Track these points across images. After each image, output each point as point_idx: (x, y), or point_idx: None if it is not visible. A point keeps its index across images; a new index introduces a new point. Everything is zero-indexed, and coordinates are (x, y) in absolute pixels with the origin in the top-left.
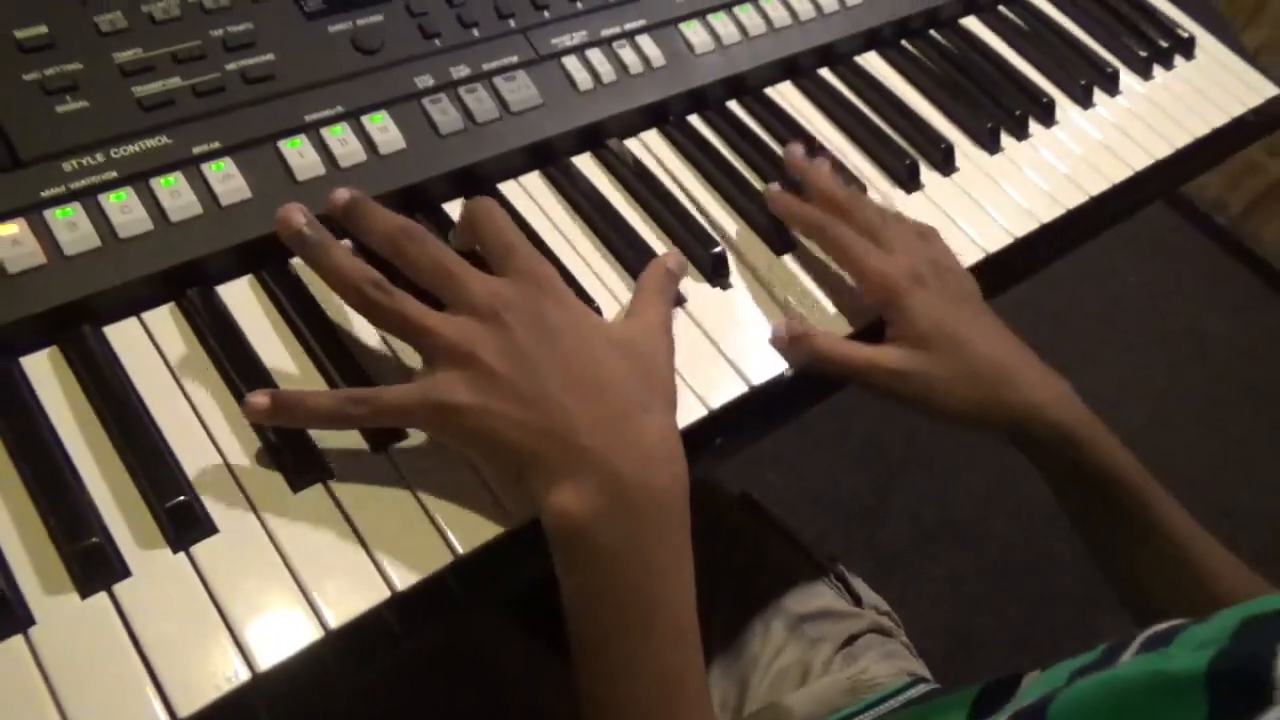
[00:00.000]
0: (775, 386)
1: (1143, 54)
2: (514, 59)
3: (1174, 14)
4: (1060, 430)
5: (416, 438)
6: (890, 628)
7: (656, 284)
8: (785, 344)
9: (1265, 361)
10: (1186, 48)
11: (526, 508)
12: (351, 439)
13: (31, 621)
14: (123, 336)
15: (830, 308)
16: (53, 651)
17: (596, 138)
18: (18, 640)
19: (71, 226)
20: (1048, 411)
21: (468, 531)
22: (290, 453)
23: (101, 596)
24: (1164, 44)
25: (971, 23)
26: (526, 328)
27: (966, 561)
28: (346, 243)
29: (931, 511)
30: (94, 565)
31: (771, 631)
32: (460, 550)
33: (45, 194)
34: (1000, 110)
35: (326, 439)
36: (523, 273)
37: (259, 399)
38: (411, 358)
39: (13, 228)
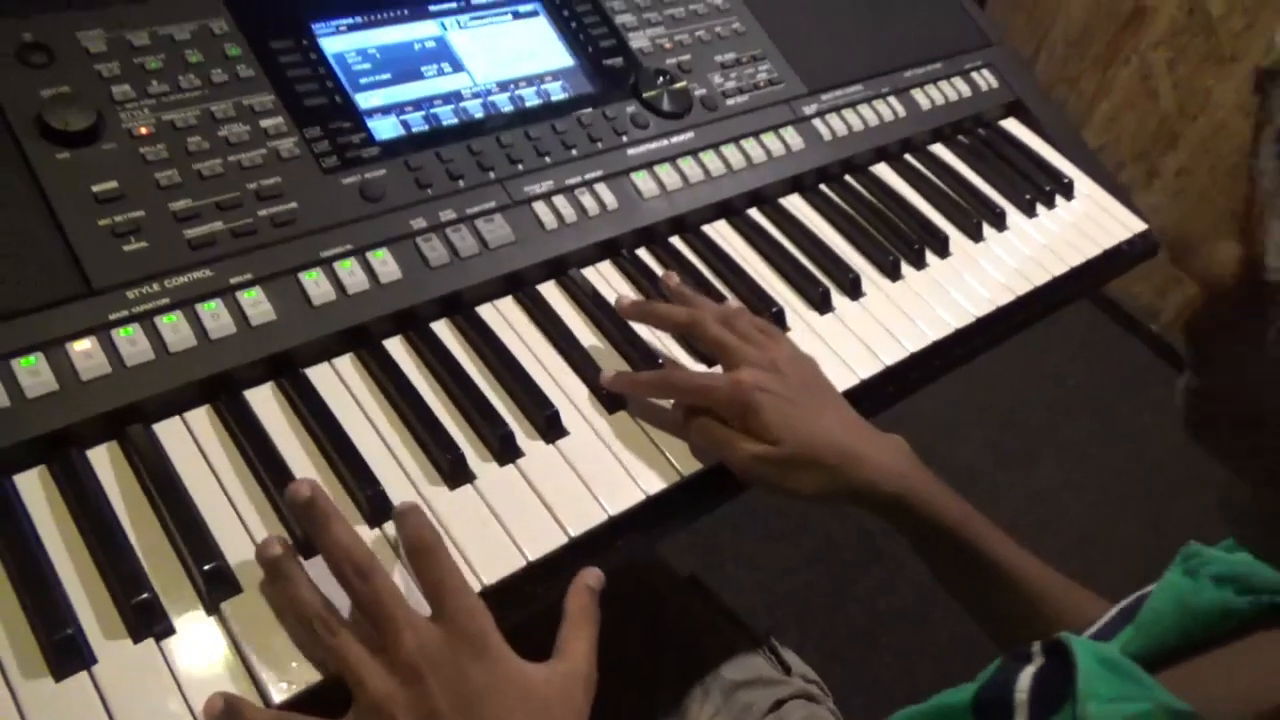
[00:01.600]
0: (707, 474)
1: (1028, 196)
2: (492, 204)
3: (1056, 160)
4: (897, 498)
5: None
6: (818, 694)
7: (581, 610)
8: (676, 423)
9: (1197, 457)
10: (1067, 189)
11: None
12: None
13: (93, 660)
14: (169, 432)
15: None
16: (118, 673)
17: (561, 268)
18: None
19: (132, 343)
20: (885, 484)
21: None
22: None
23: (148, 644)
24: (1047, 187)
25: (881, 169)
26: (448, 694)
27: (916, 648)
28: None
29: (883, 602)
30: (144, 617)
31: (709, 697)
32: None
33: (112, 316)
34: (902, 244)
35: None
36: (456, 623)
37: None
38: (401, 446)
39: (86, 343)
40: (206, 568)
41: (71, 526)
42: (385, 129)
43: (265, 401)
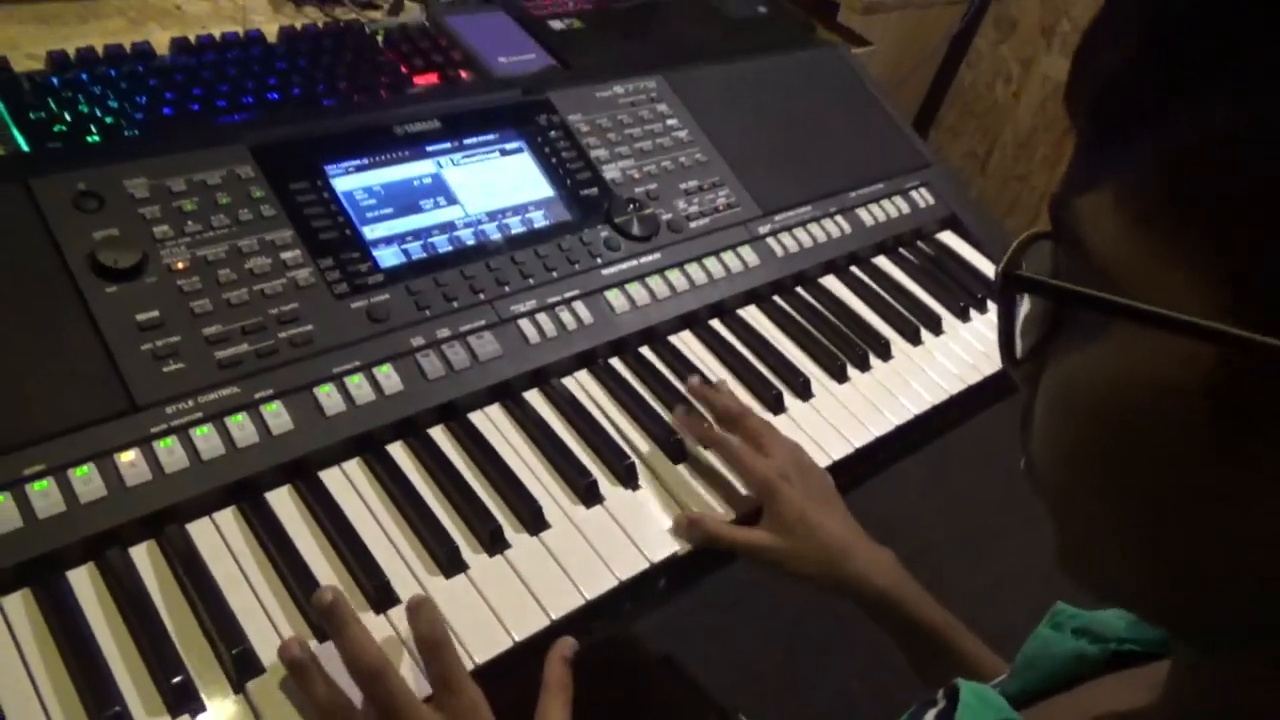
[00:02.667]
0: (671, 561)
1: (962, 303)
2: (482, 322)
3: (988, 268)
4: (883, 593)
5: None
6: None
7: (557, 680)
8: (685, 528)
9: None
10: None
11: None
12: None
13: None
14: (200, 531)
15: (712, 501)
16: None
17: (543, 378)
18: None
19: (170, 453)
20: (873, 579)
21: None
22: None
23: None
24: (979, 294)
25: (830, 281)
26: None
27: None
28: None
29: (856, 683)
30: (180, 696)
31: None
32: None
33: (153, 430)
34: (848, 349)
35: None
36: (457, 715)
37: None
38: (403, 540)
39: (131, 454)
40: (234, 651)
41: (117, 616)
42: (389, 257)
43: (284, 502)
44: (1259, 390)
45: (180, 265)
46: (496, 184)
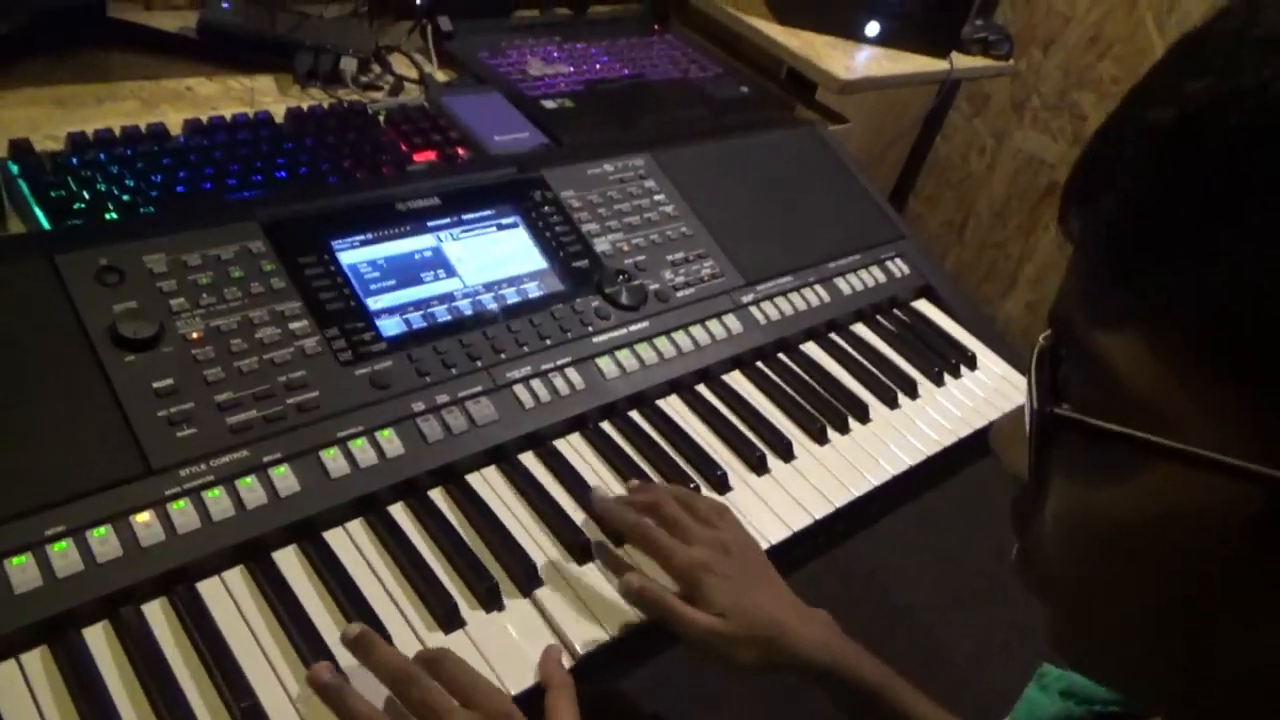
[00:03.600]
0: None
1: (937, 368)
2: (479, 388)
3: (962, 335)
4: (825, 668)
5: None
6: None
7: (558, 678)
8: (632, 593)
9: None
10: (971, 361)
11: None
12: None
13: None
14: (210, 590)
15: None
16: None
17: (538, 441)
18: None
19: (183, 514)
20: (814, 656)
21: None
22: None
23: None
24: (953, 359)
25: (810, 347)
26: None
27: None
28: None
29: None
30: None
31: None
32: None
33: (167, 492)
34: (828, 413)
35: None
36: (486, 708)
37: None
38: (404, 597)
39: (145, 516)
40: (243, 705)
41: (131, 672)
42: (391, 327)
43: (290, 561)
44: None
45: (195, 335)
46: (493, 257)
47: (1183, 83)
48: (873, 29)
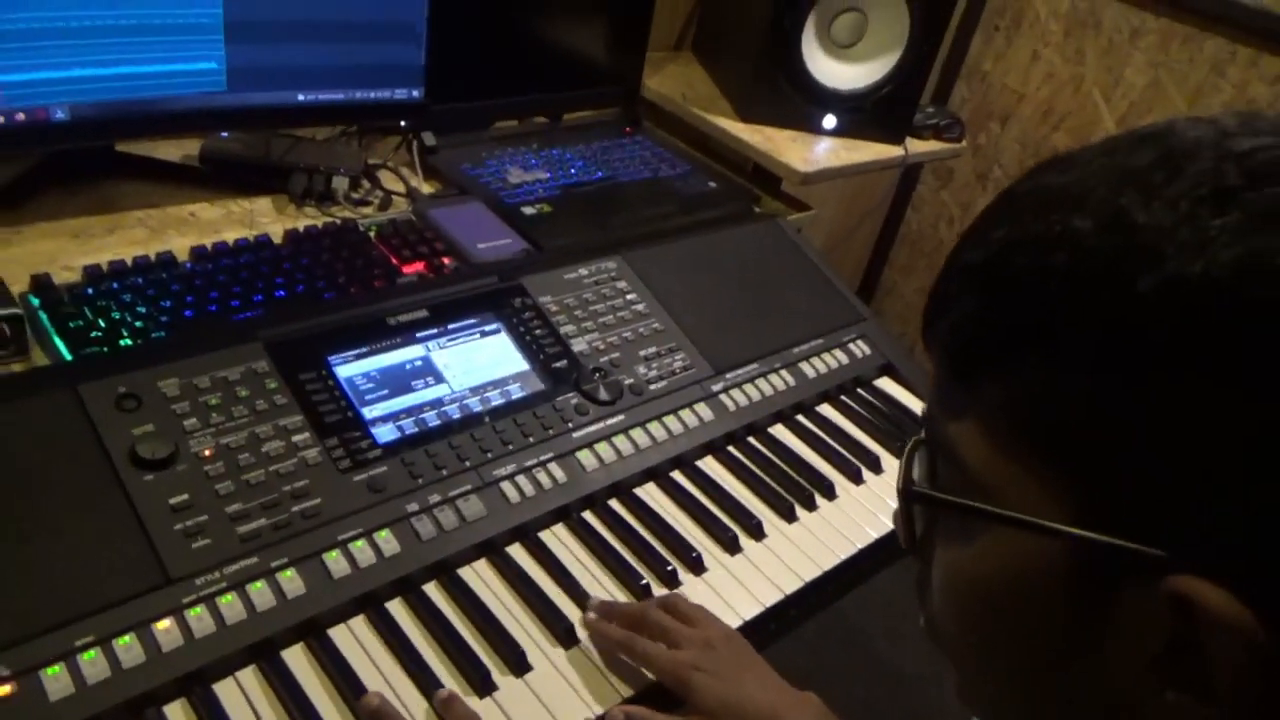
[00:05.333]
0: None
1: (898, 443)
2: (468, 486)
3: (918, 406)
4: None
5: None
6: None
7: None
8: None
9: None
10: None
11: None
12: None
13: None
14: (225, 690)
15: None
16: None
17: (524, 533)
18: None
19: (199, 620)
20: None
21: None
22: None
23: None
24: (914, 433)
25: (778, 429)
26: None
27: None
28: None
29: None
30: None
31: None
32: None
33: (185, 600)
34: (796, 491)
35: None
36: None
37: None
38: (405, 689)
39: (166, 623)
40: None
41: None
42: (386, 434)
43: (298, 659)
44: (1097, 574)
45: (207, 453)
46: (478, 362)
47: (990, 231)
48: (830, 122)
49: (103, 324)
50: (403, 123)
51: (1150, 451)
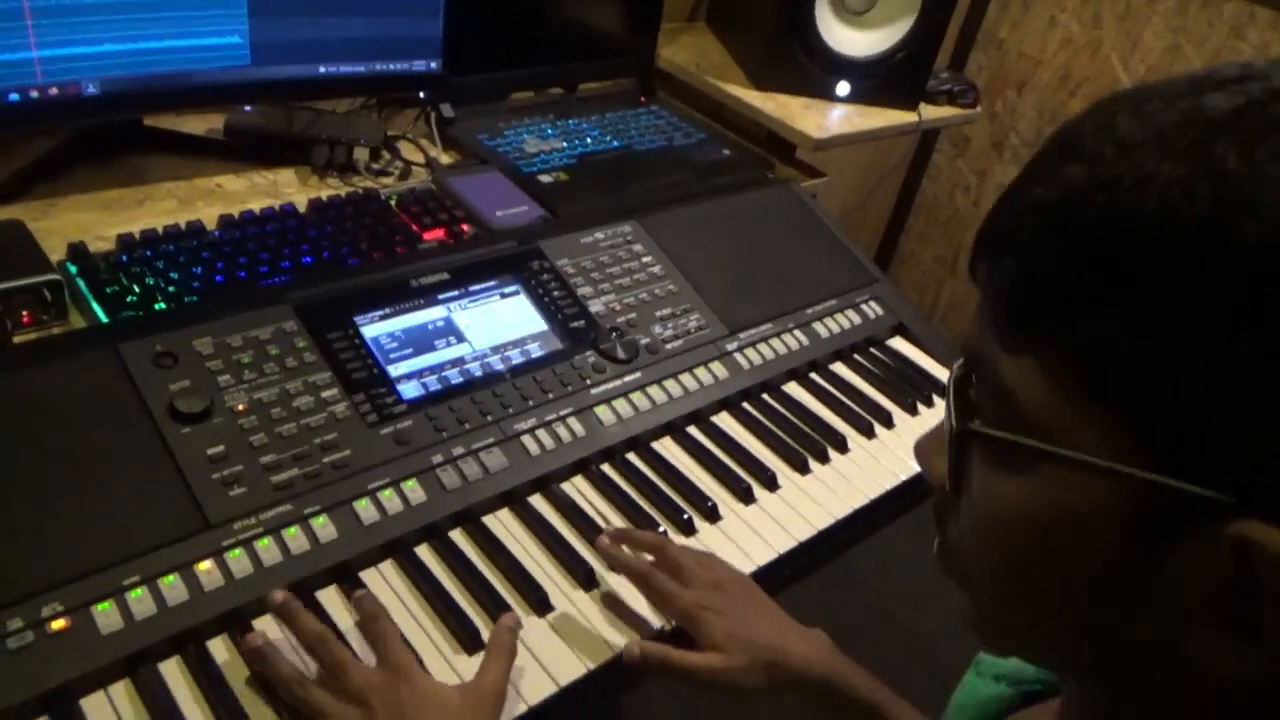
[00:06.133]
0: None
1: (909, 400)
2: (490, 440)
3: (934, 368)
4: (821, 681)
5: None
6: None
7: (499, 643)
8: (636, 659)
9: None
10: (943, 390)
11: None
12: None
13: None
14: (263, 626)
15: None
16: None
17: (544, 484)
18: None
19: (239, 562)
20: (811, 671)
21: None
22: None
23: None
24: (926, 390)
25: (792, 387)
26: (387, 710)
27: None
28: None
29: None
30: None
31: None
32: None
33: (224, 544)
34: (809, 445)
35: None
36: (389, 662)
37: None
38: (433, 628)
39: (207, 564)
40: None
41: (203, 699)
42: (410, 390)
43: (331, 599)
44: (1158, 516)
45: (241, 407)
46: (498, 322)
47: (1062, 167)
48: (843, 89)
49: (137, 289)
50: (421, 94)
51: (1227, 401)
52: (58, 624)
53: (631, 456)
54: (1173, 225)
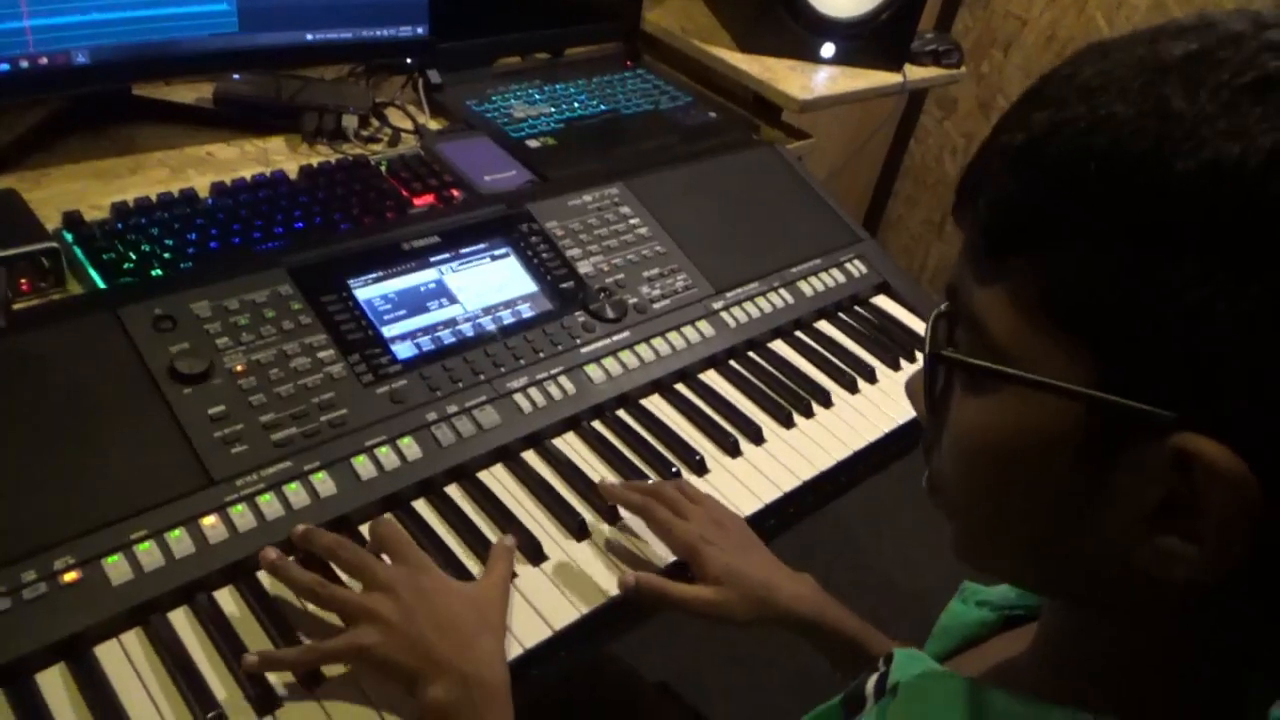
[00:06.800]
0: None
1: (892, 355)
2: (484, 398)
3: (917, 324)
4: (807, 618)
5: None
6: None
7: (498, 554)
8: (631, 589)
9: None
10: (924, 345)
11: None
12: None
13: None
14: (267, 578)
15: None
16: None
17: (537, 440)
18: None
19: (242, 516)
20: (798, 608)
21: None
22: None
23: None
24: (909, 347)
25: (778, 344)
26: (410, 594)
27: None
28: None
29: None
30: (262, 705)
31: None
32: None
33: (227, 499)
34: (794, 400)
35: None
36: (407, 560)
37: (250, 659)
38: None
39: (212, 519)
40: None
41: (210, 645)
42: (404, 350)
43: None
44: (1109, 434)
45: (240, 368)
46: (489, 284)
47: (1031, 114)
48: (828, 50)
49: (134, 256)
50: (409, 60)
51: (1170, 325)
52: (70, 576)
53: (621, 413)
54: (1121, 160)
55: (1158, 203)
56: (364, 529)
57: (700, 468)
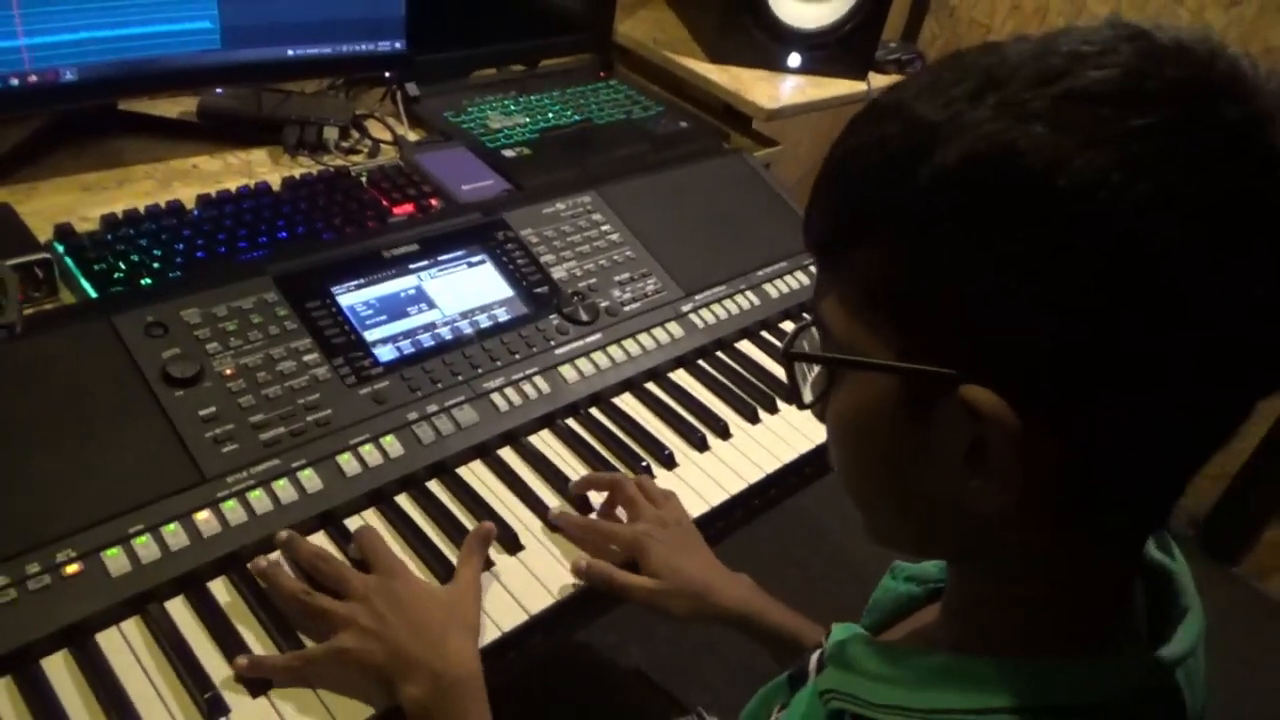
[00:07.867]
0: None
1: None
2: (462, 398)
3: None
4: (742, 615)
5: None
6: None
7: (471, 548)
8: (582, 572)
9: None
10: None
11: (393, 702)
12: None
13: None
14: (256, 569)
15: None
16: None
17: (513, 438)
18: None
19: (233, 511)
20: (733, 607)
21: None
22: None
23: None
24: None
25: (744, 345)
26: (383, 601)
27: None
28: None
29: None
30: (252, 687)
31: None
32: None
33: (219, 495)
34: (759, 396)
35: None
36: (381, 569)
37: (240, 662)
38: (416, 569)
39: (204, 514)
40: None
41: (206, 633)
42: (386, 354)
43: (321, 543)
44: (918, 396)
45: (229, 371)
46: (466, 290)
47: (842, 140)
48: (794, 60)
49: (124, 266)
50: (387, 74)
51: (941, 299)
52: (71, 568)
53: (594, 411)
54: (884, 174)
55: (911, 205)
56: (349, 522)
57: (669, 462)
